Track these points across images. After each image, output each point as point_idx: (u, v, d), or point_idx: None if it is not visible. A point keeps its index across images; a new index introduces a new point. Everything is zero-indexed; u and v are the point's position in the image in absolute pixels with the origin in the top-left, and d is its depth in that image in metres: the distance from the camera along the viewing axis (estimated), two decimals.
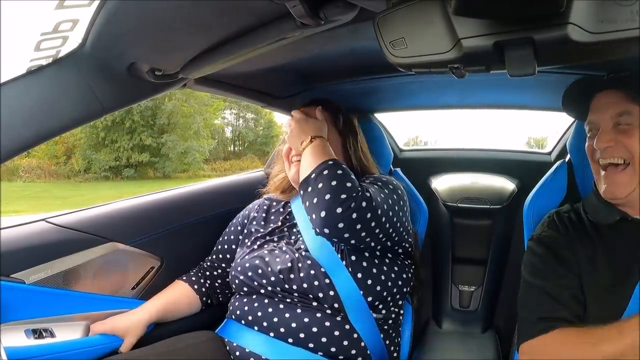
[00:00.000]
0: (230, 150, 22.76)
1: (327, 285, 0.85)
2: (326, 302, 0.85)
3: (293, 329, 0.84)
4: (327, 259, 0.88)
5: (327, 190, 0.79)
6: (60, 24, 0.56)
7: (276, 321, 0.86)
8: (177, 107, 16.98)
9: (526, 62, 0.44)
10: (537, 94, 1.24)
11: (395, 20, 0.48)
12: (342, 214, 0.77)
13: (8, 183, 14.61)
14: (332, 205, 0.78)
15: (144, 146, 16.68)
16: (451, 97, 1.35)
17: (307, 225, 0.95)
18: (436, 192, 1.47)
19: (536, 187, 0.99)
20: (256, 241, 0.99)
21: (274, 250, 0.94)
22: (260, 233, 1.01)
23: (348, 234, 0.80)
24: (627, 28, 0.39)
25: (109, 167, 16.54)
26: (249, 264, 0.92)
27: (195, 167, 17.46)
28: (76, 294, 0.90)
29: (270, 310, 0.87)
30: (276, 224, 1.02)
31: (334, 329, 0.84)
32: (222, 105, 20.11)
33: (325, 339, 0.84)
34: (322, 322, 0.85)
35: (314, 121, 0.95)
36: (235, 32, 0.63)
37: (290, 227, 1.00)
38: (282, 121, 22.35)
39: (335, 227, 0.78)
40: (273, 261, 0.91)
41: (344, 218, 0.78)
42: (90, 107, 0.67)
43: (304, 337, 0.84)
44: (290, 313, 0.86)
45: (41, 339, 0.83)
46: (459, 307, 1.45)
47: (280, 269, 0.88)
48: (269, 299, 0.89)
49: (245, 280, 0.92)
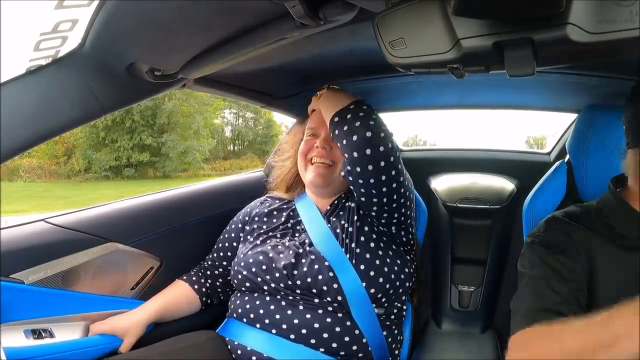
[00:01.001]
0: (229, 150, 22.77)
1: (330, 279, 0.86)
2: (329, 295, 0.85)
3: (295, 325, 0.85)
4: (332, 253, 0.89)
5: (364, 126, 0.83)
6: (60, 24, 0.56)
7: (278, 318, 0.86)
8: (177, 107, 17.00)
9: (525, 62, 0.44)
10: (537, 94, 1.24)
11: (395, 20, 0.48)
12: (372, 156, 0.83)
13: (9, 183, 14.63)
14: (365, 144, 0.83)
15: (144, 146, 16.70)
16: (451, 97, 1.35)
17: (312, 221, 0.97)
18: (436, 192, 1.47)
19: (535, 187, 0.99)
20: (259, 237, 0.99)
21: (277, 246, 0.94)
22: (263, 229, 1.01)
23: (373, 179, 0.84)
24: (626, 28, 0.39)
25: (110, 167, 16.56)
26: (253, 260, 0.92)
27: (196, 166, 17.47)
28: (75, 294, 0.89)
29: (272, 307, 0.88)
30: (279, 220, 1.02)
31: (335, 325, 0.84)
32: (221, 105, 20.13)
33: (326, 335, 0.84)
34: (324, 319, 0.85)
35: (345, 93, 0.94)
36: (235, 32, 0.63)
37: (294, 224, 1.00)
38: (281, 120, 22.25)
39: (364, 168, 0.84)
40: (277, 257, 0.91)
41: (374, 161, 0.83)
42: (90, 107, 0.67)
43: (306, 333, 0.84)
44: (292, 310, 0.86)
45: (40, 339, 0.83)
46: (458, 307, 1.45)
47: (284, 264, 0.88)
48: (271, 296, 0.89)
49: (249, 276, 0.91)
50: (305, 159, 1.00)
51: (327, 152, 0.97)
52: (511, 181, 1.45)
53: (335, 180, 0.99)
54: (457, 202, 1.42)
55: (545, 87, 1.12)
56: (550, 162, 1.40)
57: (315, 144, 0.99)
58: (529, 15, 0.41)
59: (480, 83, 1.14)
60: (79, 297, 0.90)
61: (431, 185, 1.50)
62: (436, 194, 1.46)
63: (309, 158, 0.99)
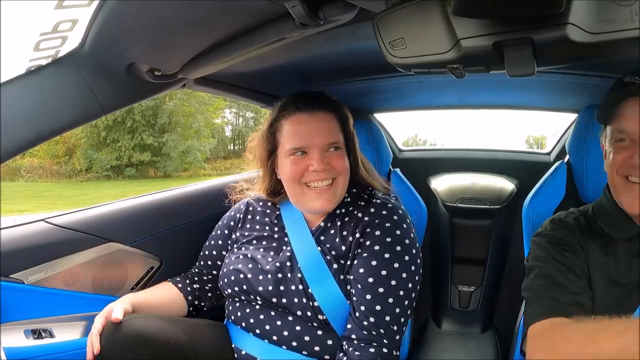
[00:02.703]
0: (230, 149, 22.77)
1: (313, 311, 0.81)
2: (317, 313, 0.82)
3: (285, 337, 0.83)
4: (316, 273, 0.83)
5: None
6: (60, 24, 0.56)
7: (268, 329, 0.85)
8: (178, 107, 17.00)
9: (525, 62, 0.44)
10: (537, 94, 1.24)
11: (395, 20, 0.48)
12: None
13: (11, 183, 14.64)
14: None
15: (145, 145, 16.69)
16: (450, 97, 1.35)
17: (296, 230, 0.90)
18: (435, 192, 1.47)
19: (535, 187, 0.99)
20: (242, 247, 0.95)
21: (257, 262, 0.89)
22: (246, 238, 0.96)
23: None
24: (626, 28, 0.38)
25: (111, 167, 16.56)
26: (234, 277, 0.89)
27: (196, 166, 17.47)
28: (75, 295, 0.90)
29: (262, 317, 0.86)
30: (263, 227, 0.96)
31: (326, 338, 0.82)
32: (222, 105, 20.12)
33: (318, 348, 0.82)
34: (314, 331, 0.83)
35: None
36: (235, 32, 0.63)
37: (279, 231, 0.95)
38: None
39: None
40: (255, 280, 0.86)
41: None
42: (90, 107, 0.67)
43: (297, 345, 0.82)
44: (282, 321, 0.84)
45: (40, 339, 0.83)
46: (458, 307, 1.45)
47: (263, 291, 0.85)
48: (261, 307, 0.88)
49: (233, 293, 0.90)
50: (299, 183, 0.86)
51: (327, 173, 0.84)
52: (511, 181, 1.45)
53: (339, 197, 0.88)
54: (457, 202, 1.41)
55: (545, 87, 1.12)
56: (550, 162, 1.39)
57: (310, 166, 0.84)
58: (529, 15, 0.41)
59: (481, 83, 1.14)
60: (79, 297, 0.90)
61: (431, 185, 1.49)
62: (436, 194, 1.46)
63: (304, 182, 0.85)
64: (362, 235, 0.84)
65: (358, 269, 0.81)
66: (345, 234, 0.86)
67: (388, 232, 0.82)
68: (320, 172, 0.83)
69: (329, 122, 0.87)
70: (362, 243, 0.83)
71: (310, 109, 0.87)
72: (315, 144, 0.84)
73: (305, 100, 0.88)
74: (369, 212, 0.86)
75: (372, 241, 0.82)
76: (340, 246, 0.85)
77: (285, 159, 0.87)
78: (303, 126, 0.85)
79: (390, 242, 0.81)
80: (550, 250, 0.74)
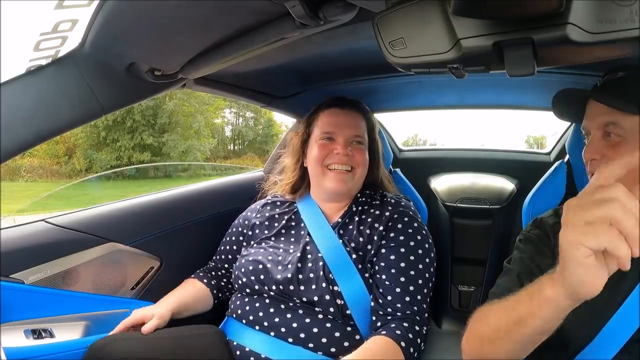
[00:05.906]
0: (230, 149, 22.78)
1: (332, 290, 0.85)
2: (331, 305, 0.85)
3: (294, 328, 0.85)
4: (338, 261, 0.88)
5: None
6: (60, 24, 0.56)
7: (277, 321, 0.86)
8: (178, 106, 17.01)
9: (525, 62, 0.44)
10: (537, 94, 1.24)
11: (395, 20, 0.48)
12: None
13: (10, 183, 14.63)
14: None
15: (145, 145, 16.71)
16: (450, 97, 1.35)
17: (316, 223, 0.96)
18: (435, 192, 1.46)
19: (535, 187, 0.99)
20: (261, 242, 0.99)
21: (277, 255, 0.93)
22: (265, 234, 1.00)
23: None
24: (626, 28, 0.38)
25: (110, 167, 16.56)
26: (253, 268, 0.92)
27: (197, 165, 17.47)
28: (75, 294, 0.90)
29: (272, 310, 0.88)
30: (281, 223, 1.01)
31: (335, 331, 0.84)
32: (222, 104, 20.15)
33: (325, 340, 0.84)
34: (323, 323, 0.85)
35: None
36: (235, 32, 0.63)
37: (297, 227, 0.99)
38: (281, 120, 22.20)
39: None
40: (274, 269, 0.90)
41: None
42: (90, 107, 0.67)
43: (304, 337, 0.84)
44: (292, 314, 0.86)
45: (40, 339, 0.83)
46: (458, 307, 1.45)
47: (281, 279, 0.87)
48: (271, 300, 0.89)
49: (248, 283, 0.92)
50: (321, 165, 0.97)
51: (348, 158, 0.95)
52: (511, 181, 1.45)
53: (354, 186, 0.98)
54: (457, 202, 1.41)
55: (546, 87, 1.12)
56: (550, 162, 1.39)
57: (334, 150, 0.96)
58: (529, 15, 0.41)
59: (481, 83, 1.14)
60: (79, 297, 0.90)
61: (431, 185, 1.49)
62: (436, 193, 1.46)
63: (326, 164, 0.96)
64: (386, 229, 0.92)
65: (389, 256, 0.89)
66: (363, 228, 0.94)
67: (409, 224, 0.93)
68: (342, 156, 0.95)
69: (357, 120, 1.01)
70: (386, 235, 0.92)
71: (344, 105, 1.02)
72: (342, 132, 0.97)
73: (341, 100, 1.04)
74: (388, 208, 0.96)
75: (396, 233, 0.92)
76: (359, 239, 0.92)
77: (314, 144, 1.00)
78: (334, 118, 0.99)
79: (412, 232, 0.92)
80: (521, 250, 0.76)
